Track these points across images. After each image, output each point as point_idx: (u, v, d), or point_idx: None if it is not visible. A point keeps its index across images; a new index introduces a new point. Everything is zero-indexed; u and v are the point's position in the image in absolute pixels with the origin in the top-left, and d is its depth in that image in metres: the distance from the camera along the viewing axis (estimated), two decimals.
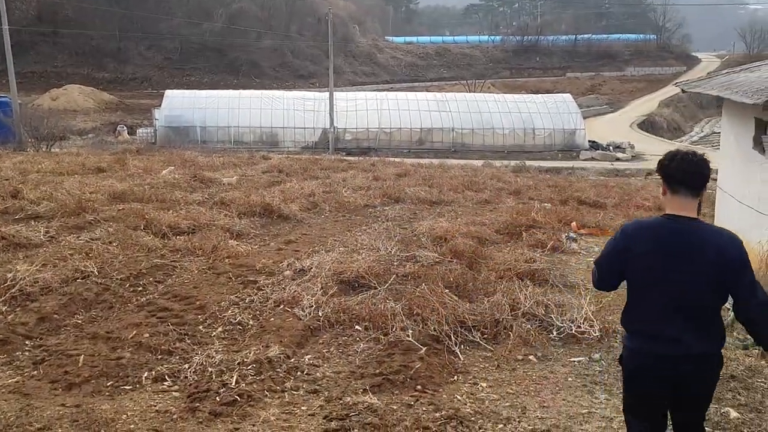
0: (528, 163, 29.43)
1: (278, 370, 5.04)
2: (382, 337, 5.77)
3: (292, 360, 5.28)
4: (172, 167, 17.02)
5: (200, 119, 37.17)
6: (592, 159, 35.65)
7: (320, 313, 6.23)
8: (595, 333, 5.90)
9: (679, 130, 56.43)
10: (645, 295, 3.10)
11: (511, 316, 6.20)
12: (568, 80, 77.26)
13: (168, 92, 39.96)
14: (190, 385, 4.78)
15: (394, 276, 7.52)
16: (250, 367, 5.01)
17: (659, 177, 3.18)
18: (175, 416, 4.35)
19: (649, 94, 69.69)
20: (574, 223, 11.84)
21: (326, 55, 38.12)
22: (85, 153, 22.42)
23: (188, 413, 4.37)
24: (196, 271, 7.64)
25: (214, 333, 5.85)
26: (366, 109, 38.00)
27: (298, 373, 5.07)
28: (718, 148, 37.85)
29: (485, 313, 6.18)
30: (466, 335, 5.86)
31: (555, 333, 6.00)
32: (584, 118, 41.34)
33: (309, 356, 5.41)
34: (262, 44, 68.29)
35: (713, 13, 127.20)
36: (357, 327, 6.10)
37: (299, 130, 37.28)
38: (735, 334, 6.41)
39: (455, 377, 5.12)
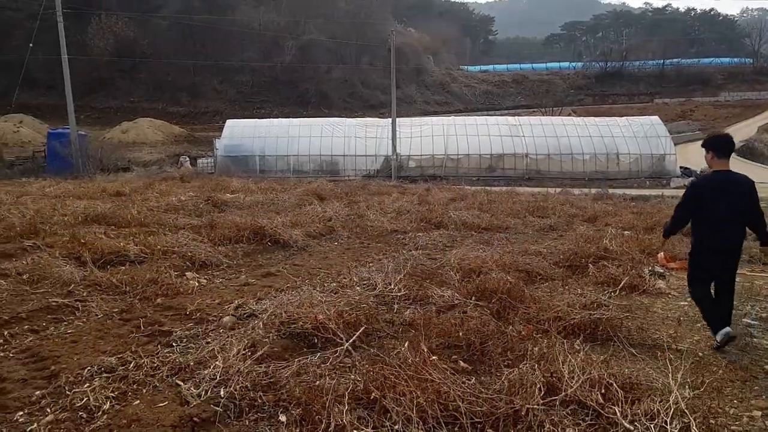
0: (611, 191, 26.16)
1: None
2: None
3: None
4: (193, 193, 15.18)
5: (259, 148, 35.93)
6: (685, 186, 31.82)
7: (223, 392, 3.80)
8: None
9: None
10: (711, 217, 5.29)
11: (544, 405, 3.58)
12: (656, 106, 72.04)
13: (229, 122, 39.01)
14: None
15: (377, 326, 5.02)
16: None
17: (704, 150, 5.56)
18: None
19: (747, 120, 64.19)
20: (661, 254, 8.90)
21: (396, 83, 36.11)
22: (122, 180, 21.05)
23: None
24: (100, 316, 5.38)
25: (31, 428, 3.51)
26: (431, 135, 35.58)
27: None
28: None
29: (498, 398, 3.58)
30: None
31: None
32: (675, 144, 37.21)
33: None
34: (332, 76, 67.43)
35: None
36: (281, 417, 3.64)
37: (360, 158, 35.29)
38: None
39: None
